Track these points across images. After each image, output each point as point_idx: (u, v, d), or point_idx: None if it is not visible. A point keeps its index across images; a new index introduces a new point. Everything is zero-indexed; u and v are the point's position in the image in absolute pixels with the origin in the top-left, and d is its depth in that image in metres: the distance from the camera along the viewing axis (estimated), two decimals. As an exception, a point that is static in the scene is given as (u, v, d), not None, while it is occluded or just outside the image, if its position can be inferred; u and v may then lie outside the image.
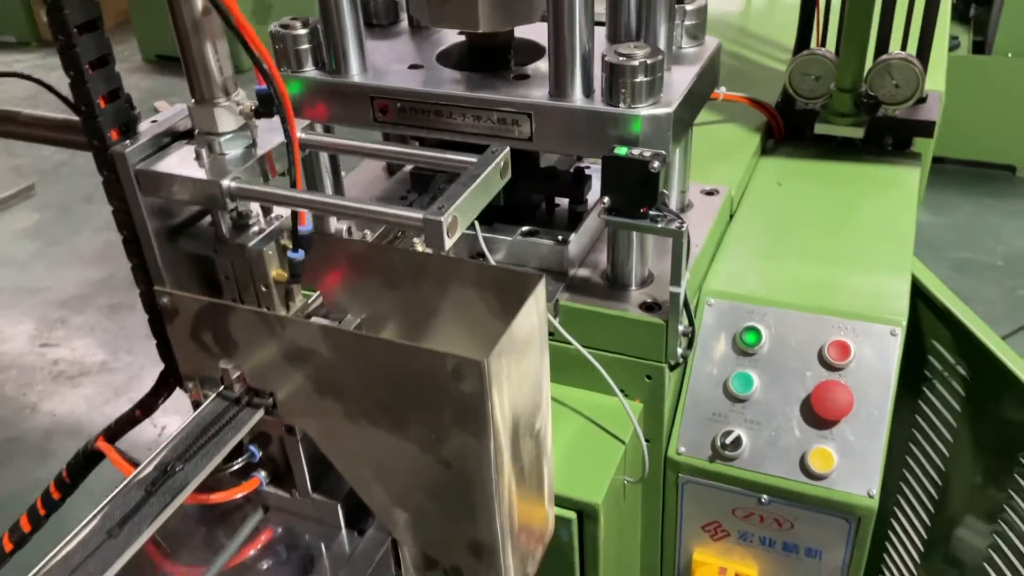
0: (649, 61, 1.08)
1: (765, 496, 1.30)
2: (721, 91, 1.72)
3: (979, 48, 4.40)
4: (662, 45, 1.19)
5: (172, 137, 0.84)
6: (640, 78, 1.09)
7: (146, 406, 0.99)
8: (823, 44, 1.78)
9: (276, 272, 0.85)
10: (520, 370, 0.82)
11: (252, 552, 0.99)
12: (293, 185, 0.79)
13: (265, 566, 0.98)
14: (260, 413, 0.90)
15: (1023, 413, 1.52)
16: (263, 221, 0.86)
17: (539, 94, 1.17)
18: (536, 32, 1.33)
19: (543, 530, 1.00)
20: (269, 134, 0.87)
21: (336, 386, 0.83)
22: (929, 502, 1.79)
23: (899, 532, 1.90)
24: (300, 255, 0.83)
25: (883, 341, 1.30)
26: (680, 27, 1.27)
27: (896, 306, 1.34)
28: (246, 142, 0.82)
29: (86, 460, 1.03)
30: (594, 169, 1.38)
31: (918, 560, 1.86)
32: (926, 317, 1.62)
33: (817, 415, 1.28)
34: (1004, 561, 1.63)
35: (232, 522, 1.00)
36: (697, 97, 1.24)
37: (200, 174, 0.78)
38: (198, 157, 0.80)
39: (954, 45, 4.37)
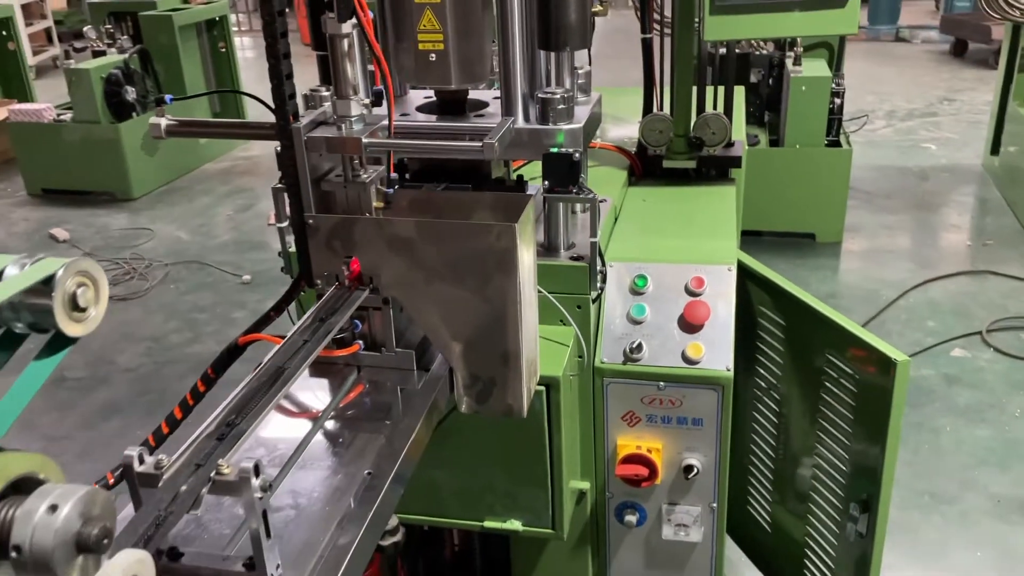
0: (566, 95, 1.78)
1: (662, 383, 1.94)
2: (598, 141, 2.46)
3: (775, 143, 5.52)
4: (567, 91, 1.90)
5: (314, 124, 1.44)
6: (561, 106, 1.78)
7: (279, 308, 1.52)
8: (661, 109, 2.58)
9: (377, 203, 1.44)
10: (526, 242, 1.44)
11: (352, 400, 1.52)
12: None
13: (362, 411, 1.51)
14: (366, 292, 1.47)
15: (823, 349, 2.20)
16: (366, 175, 1.46)
17: (494, 122, 1.83)
18: (477, 94, 2.01)
19: (535, 364, 1.59)
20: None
21: (421, 261, 1.41)
22: (772, 448, 2.43)
23: (755, 474, 2.54)
24: (392, 190, 1.43)
25: (724, 274, 2.01)
26: (575, 83, 1.98)
27: (729, 254, 2.06)
28: (363, 121, 1.42)
29: (229, 355, 1.53)
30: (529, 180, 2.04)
31: (771, 497, 2.51)
32: (753, 291, 2.34)
33: (688, 323, 1.95)
34: (828, 489, 2.20)
35: (334, 380, 1.54)
36: (592, 124, 1.94)
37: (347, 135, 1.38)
38: (339, 130, 1.40)
39: (755, 142, 5.48)
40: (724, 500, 2.05)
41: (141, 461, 1.04)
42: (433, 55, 1.77)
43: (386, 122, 1.45)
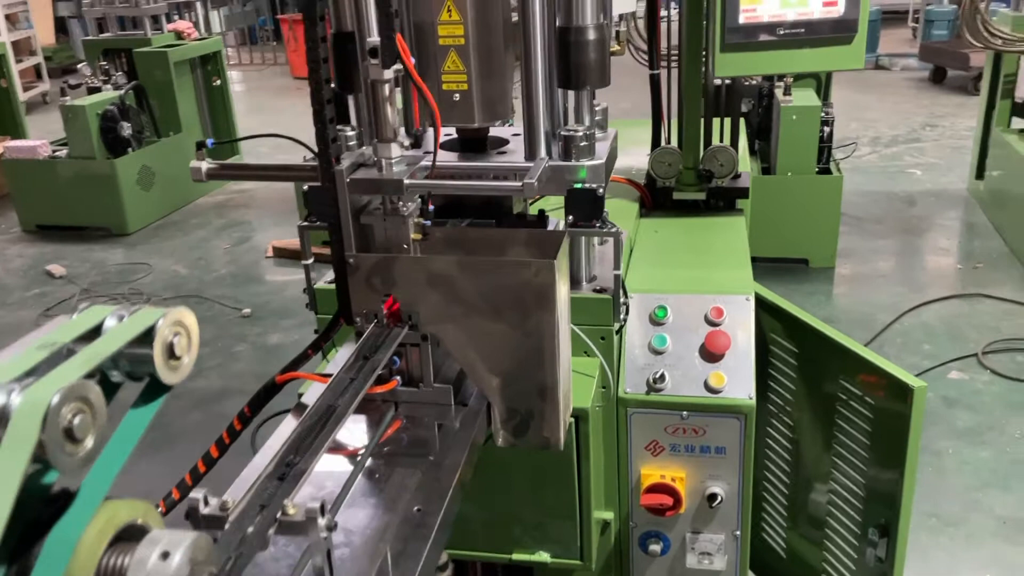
0: (587, 133, 1.82)
1: (685, 412, 1.97)
2: (610, 175, 2.51)
3: (766, 171, 5.61)
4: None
5: (355, 166, 1.47)
6: (583, 143, 1.82)
7: (316, 347, 1.55)
8: (668, 142, 2.63)
9: (415, 234, 1.47)
10: (563, 277, 1.47)
11: (389, 437, 1.54)
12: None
13: (399, 446, 1.53)
14: (406, 329, 1.49)
15: (837, 375, 2.25)
16: (404, 209, 1.49)
17: (518, 159, 1.87)
18: (496, 131, 2.05)
19: (569, 397, 1.62)
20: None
21: (460, 297, 1.44)
22: (787, 475, 2.46)
23: (770, 501, 2.58)
24: (428, 223, 1.47)
25: (742, 304, 2.05)
26: (594, 120, 2.03)
27: (746, 284, 2.10)
28: (404, 162, 1.46)
29: (266, 394, 1.55)
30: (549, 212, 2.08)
31: (787, 524, 2.53)
32: (764, 319, 2.38)
33: (710, 352, 1.98)
34: (844, 514, 2.25)
35: (372, 416, 1.55)
36: (611, 160, 1.98)
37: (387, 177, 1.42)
38: (380, 171, 1.43)
39: (748, 170, 5.57)
40: (747, 528, 2.08)
41: (206, 503, 1.06)
42: (457, 95, 1.81)
43: (425, 162, 1.49)
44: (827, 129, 5.47)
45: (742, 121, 3.07)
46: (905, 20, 13.03)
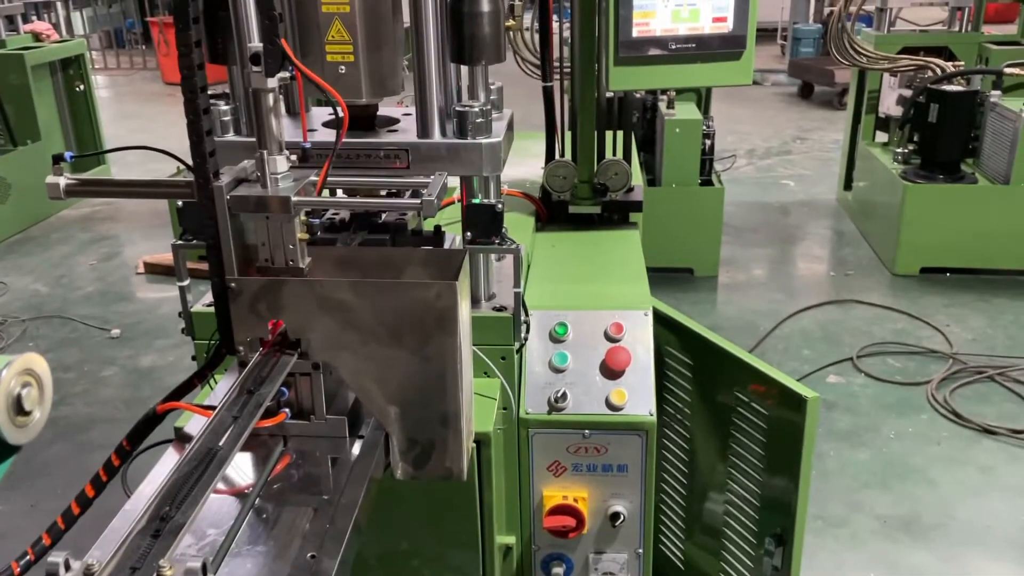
0: (484, 108, 1.74)
1: (587, 431, 1.93)
2: (504, 187, 2.45)
3: (651, 183, 5.71)
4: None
5: (237, 182, 1.35)
6: (479, 120, 1.73)
7: (202, 375, 1.41)
8: (562, 155, 2.60)
9: (301, 234, 1.36)
10: (464, 298, 1.40)
11: (278, 474, 1.42)
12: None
13: (289, 483, 1.41)
14: (295, 357, 1.38)
15: (732, 387, 2.26)
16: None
17: (409, 137, 1.77)
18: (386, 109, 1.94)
19: (472, 423, 1.54)
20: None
21: (356, 322, 1.34)
22: (683, 486, 2.46)
23: (666, 512, 2.57)
24: (317, 220, 1.36)
25: (640, 319, 2.03)
26: (489, 99, 1.93)
27: (643, 299, 2.08)
28: (291, 177, 1.34)
29: (146, 425, 1.39)
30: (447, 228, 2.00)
31: (684, 535, 2.54)
32: (659, 331, 2.38)
33: (610, 369, 1.95)
34: (740, 524, 2.27)
35: (258, 452, 1.43)
36: (507, 140, 1.88)
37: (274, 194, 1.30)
38: (264, 186, 1.31)
39: (634, 182, 5.65)
40: (650, 546, 2.06)
41: (67, 568, 0.93)
42: (342, 67, 1.70)
43: (314, 177, 1.38)
44: (708, 142, 5.61)
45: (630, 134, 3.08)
46: (775, 37, 13.65)
